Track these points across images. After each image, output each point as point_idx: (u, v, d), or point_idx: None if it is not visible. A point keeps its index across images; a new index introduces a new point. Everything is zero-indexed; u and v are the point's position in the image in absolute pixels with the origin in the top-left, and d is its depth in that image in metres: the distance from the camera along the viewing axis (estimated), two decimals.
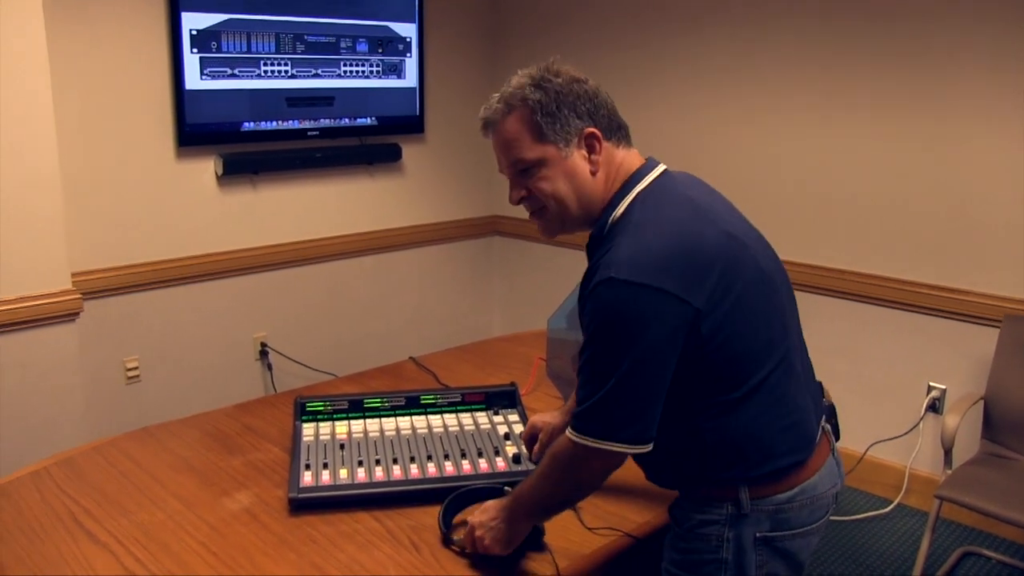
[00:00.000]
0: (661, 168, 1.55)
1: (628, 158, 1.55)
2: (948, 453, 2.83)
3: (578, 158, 1.50)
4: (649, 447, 1.43)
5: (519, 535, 1.56)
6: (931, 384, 3.34)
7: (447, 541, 1.64)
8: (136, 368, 3.50)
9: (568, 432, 1.45)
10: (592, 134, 1.49)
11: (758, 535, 1.51)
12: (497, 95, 1.55)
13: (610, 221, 1.50)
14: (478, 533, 1.56)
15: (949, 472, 2.81)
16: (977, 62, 3.05)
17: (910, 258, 3.30)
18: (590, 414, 1.42)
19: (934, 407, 3.34)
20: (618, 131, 1.54)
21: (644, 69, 3.95)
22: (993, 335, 3.04)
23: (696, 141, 3.82)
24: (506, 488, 1.66)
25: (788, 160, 3.57)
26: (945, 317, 3.25)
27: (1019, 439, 2.90)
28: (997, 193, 3.08)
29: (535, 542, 1.63)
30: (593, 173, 1.50)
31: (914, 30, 3.16)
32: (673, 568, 1.57)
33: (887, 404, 3.39)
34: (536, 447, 1.90)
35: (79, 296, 2.88)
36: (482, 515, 1.58)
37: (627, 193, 1.50)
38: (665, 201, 1.48)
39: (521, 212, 1.59)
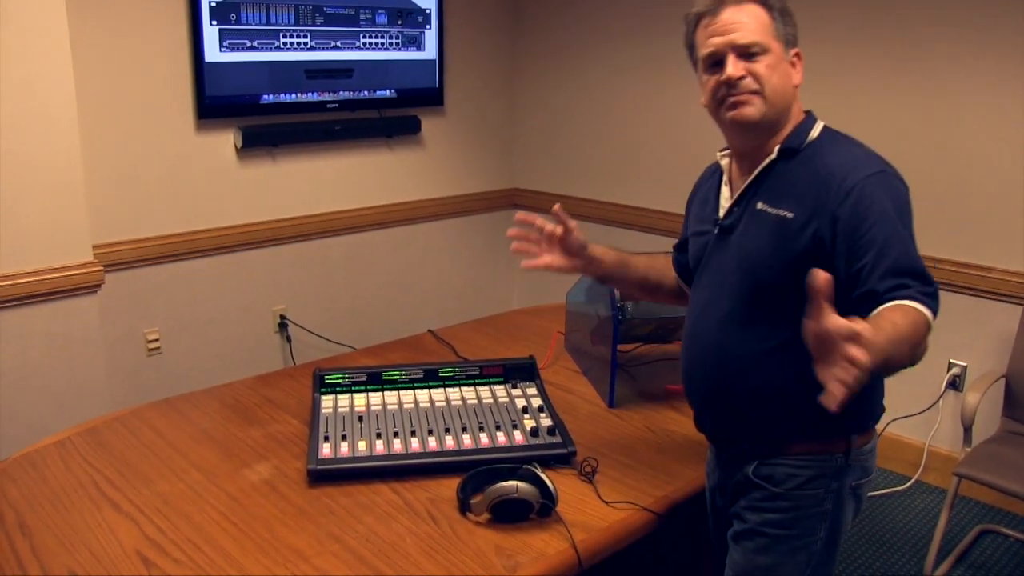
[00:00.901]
0: None
1: (798, 109, 1.59)
2: (968, 431, 2.81)
3: (790, 64, 1.55)
4: None
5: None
6: (952, 361, 3.31)
7: (465, 508, 1.65)
8: (157, 340, 3.52)
9: (924, 308, 1.35)
10: (798, 54, 1.56)
11: (852, 484, 1.58)
12: None
13: (808, 138, 1.54)
14: (868, 345, 1.16)
15: (968, 450, 2.80)
16: (992, 35, 3.00)
17: (932, 234, 3.27)
18: (933, 290, 1.38)
19: (954, 384, 3.32)
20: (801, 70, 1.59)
21: (664, 42, 3.90)
22: (1016, 312, 3.02)
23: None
24: (525, 466, 1.66)
25: None
26: (968, 294, 3.22)
27: None
28: (1020, 168, 3.03)
29: (548, 512, 1.63)
30: (796, 86, 1.56)
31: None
32: (770, 528, 1.58)
33: (907, 381, 3.33)
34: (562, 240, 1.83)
35: (101, 268, 2.90)
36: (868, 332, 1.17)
37: (814, 122, 1.57)
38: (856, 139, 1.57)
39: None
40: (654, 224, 4.05)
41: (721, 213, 1.63)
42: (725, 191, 1.65)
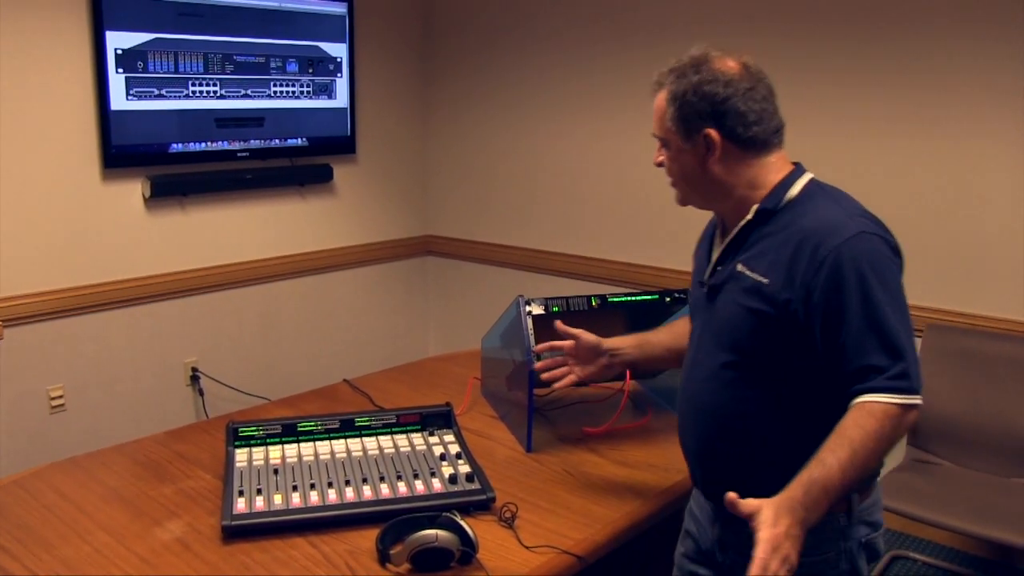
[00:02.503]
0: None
1: (775, 162, 1.55)
2: None
3: (693, 153, 1.54)
4: None
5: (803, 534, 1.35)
6: None
7: (384, 559, 1.63)
8: (61, 396, 3.40)
9: (889, 397, 1.37)
10: (709, 136, 1.51)
11: (863, 540, 1.57)
12: (663, 68, 1.59)
13: (787, 197, 1.52)
14: (785, 547, 1.28)
15: (878, 479, 2.87)
16: (898, 69, 3.15)
17: None
18: (911, 370, 1.38)
19: None
20: (749, 136, 1.52)
21: (575, 90, 3.99)
22: (916, 344, 3.12)
23: (631, 161, 3.86)
24: (445, 514, 1.65)
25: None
26: None
27: (943, 445, 2.99)
28: (917, 206, 3.17)
29: (468, 560, 1.62)
30: (703, 168, 1.53)
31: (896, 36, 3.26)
32: None
33: None
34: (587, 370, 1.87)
35: None
36: (771, 529, 1.29)
37: (797, 177, 1.54)
38: (842, 192, 1.55)
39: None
40: (562, 267, 4.10)
41: (708, 272, 1.64)
42: (716, 249, 1.64)
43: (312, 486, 1.87)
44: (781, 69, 3.37)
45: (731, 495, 1.33)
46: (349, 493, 1.85)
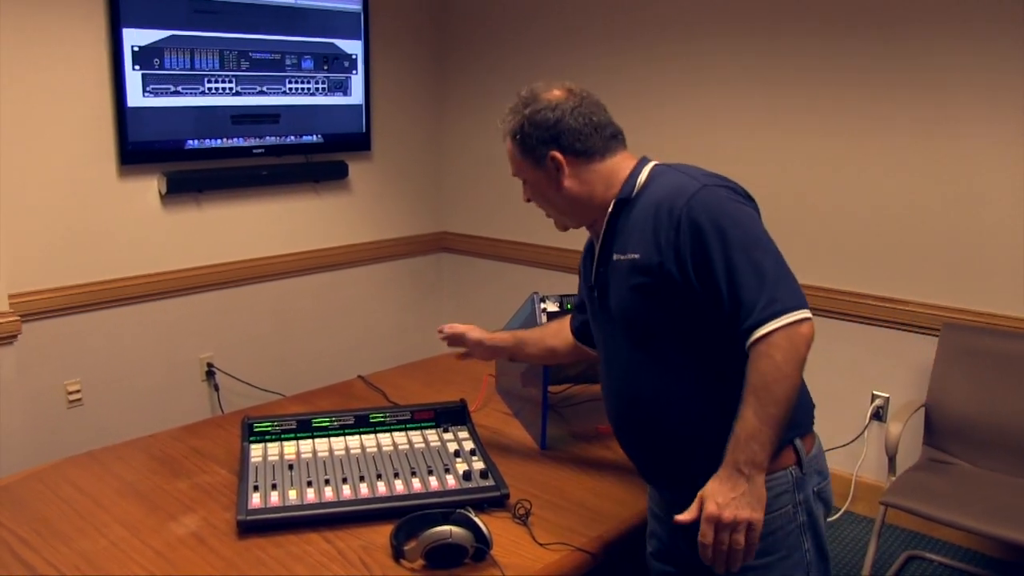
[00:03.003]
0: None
1: (620, 162, 1.67)
2: (892, 460, 2.88)
3: (547, 177, 1.67)
4: None
5: (762, 485, 1.46)
6: (875, 393, 3.40)
7: (398, 555, 1.63)
8: (79, 391, 3.42)
9: (766, 327, 1.42)
10: (554, 157, 1.64)
11: (816, 489, 1.60)
12: (503, 114, 1.72)
13: (637, 185, 1.62)
14: (727, 515, 1.43)
15: (893, 479, 2.87)
16: (899, 73, 3.14)
17: (851, 269, 3.37)
18: (777, 293, 1.44)
19: (878, 415, 3.40)
20: (587, 147, 1.64)
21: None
22: (933, 343, 3.12)
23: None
24: (459, 511, 1.66)
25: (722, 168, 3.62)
26: (886, 327, 3.32)
27: (959, 444, 2.97)
28: (933, 205, 3.15)
29: (482, 556, 1.63)
30: (559, 188, 1.66)
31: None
32: (760, 558, 1.52)
33: (833, 413, 3.45)
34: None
35: (18, 318, 2.82)
36: (715, 499, 1.44)
37: (643, 166, 1.65)
38: (688, 165, 1.64)
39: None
40: (577, 264, 4.07)
41: (592, 277, 1.72)
42: (597, 255, 1.72)
43: (327, 482, 1.87)
44: (797, 70, 3.39)
45: (678, 518, 1.48)
46: (363, 489, 1.85)
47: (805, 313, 1.44)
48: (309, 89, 3.92)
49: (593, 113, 1.66)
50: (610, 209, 1.64)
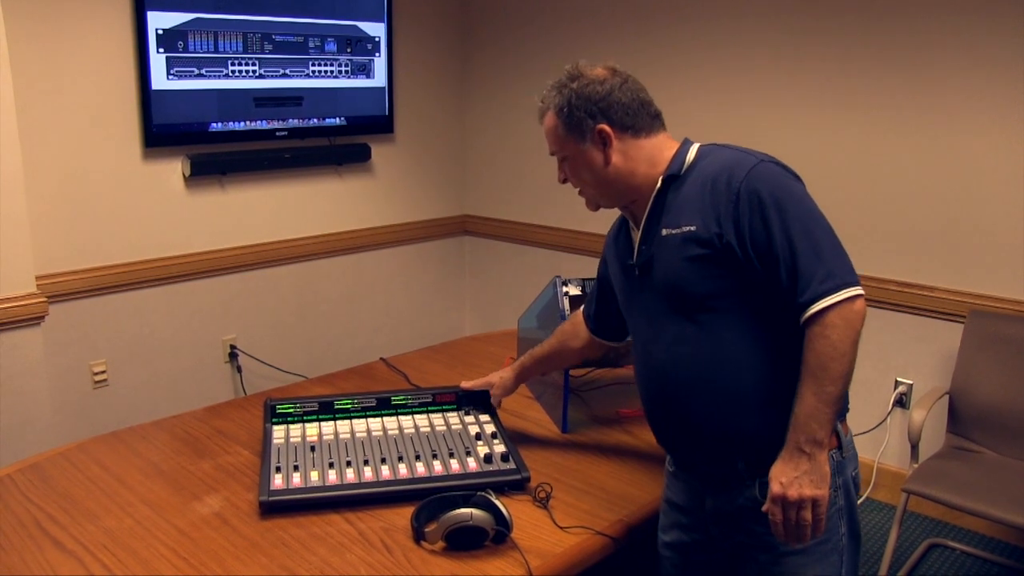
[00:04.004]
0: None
1: (663, 141, 1.67)
2: (915, 447, 2.86)
3: (593, 151, 1.65)
4: None
5: (825, 462, 1.48)
6: (898, 379, 3.38)
7: (419, 536, 1.64)
8: (104, 372, 3.46)
9: (822, 302, 1.44)
10: (603, 130, 1.63)
11: (852, 475, 1.62)
12: (543, 92, 1.71)
13: (686, 163, 1.63)
14: (792, 493, 1.46)
15: (916, 466, 2.85)
16: (928, 59, 3.09)
17: (877, 255, 3.34)
18: (833, 267, 1.46)
19: (901, 402, 3.38)
20: (635, 123, 1.64)
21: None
22: (958, 330, 3.08)
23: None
24: (480, 494, 1.66)
25: None
26: (911, 313, 3.29)
27: (983, 432, 2.95)
28: (960, 190, 3.12)
29: (502, 539, 1.63)
30: (606, 163, 1.64)
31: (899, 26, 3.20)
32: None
33: (856, 399, 3.38)
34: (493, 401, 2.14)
35: (44, 299, 2.84)
36: (779, 479, 1.48)
37: (690, 146, 1.66)
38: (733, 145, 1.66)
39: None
40: (599, 248, 4.05)
41: (634, 256, 1.70)
42: (634, 236, 1.72)
43: (348, 463, 1.88)
44: (824, 54, 3.35)
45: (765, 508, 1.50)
46: (385, 471, 1.86)
47: (858, 289, 1.46)
48: (332, 72, 3.92)
49: (639, 90, 1.66)
50: (658, 185, 1.63)
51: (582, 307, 2.07)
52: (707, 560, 1.74)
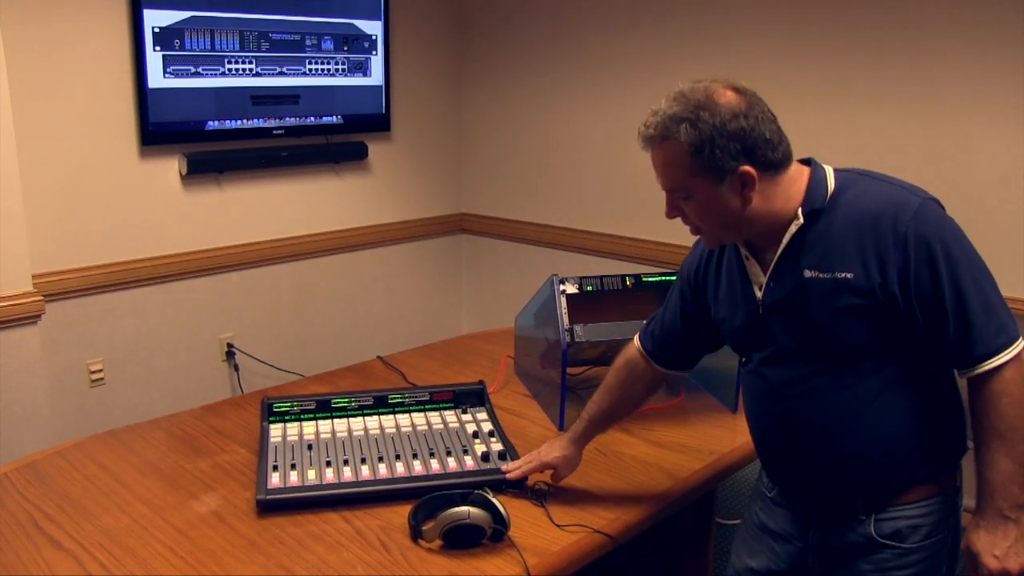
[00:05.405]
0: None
1: (794, 169, 1.50)
2: None
3: (729, 194, 1.45)
4: None
5: None
6: None
7: (416, 535, 1.64)
8: (101, 370, 3.45)
9: (997, 359, 1.38)
10: (746, 173, 1.43)
11: (962, 512, 1.56)
12: (655, 117, 1.47)
13: (828, 191, 1.47)
14: (1012, 566, 1.40)
15: None
16: (914, 48, 3.10)
17: None
18: (1001, 321, 1.40)
19: None
20: (778, 158, 1.46)
21: (608, 67, 3.96)
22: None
23: None
24: (477, 492, 1.66)
25: None
26: None
27: None
28: (961, 190, 3.11)
29: (500, 537, 1.63)
30: (745, 205, 1.46)
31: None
32: None
33: None
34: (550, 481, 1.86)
35: (41, 298, 2.84)
36: (992, 551, 1.40)
37: (823, 172, 1.50)
38: (868, 170, 1.53)
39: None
40: (597, 246, 4.08)
41: (759, 292, 1.55)
42: (752, 268, 1.57)
43: (345, 462, 1.88)
44: (836, 50, 3.35)
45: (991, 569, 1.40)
46: (382, 469, 1.86)
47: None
48: (329, 70, 3.92)
49: (773, 117, 1.46)
50: (801, 220, 1.46)
51: (626, 349, 1.89)
52: None
